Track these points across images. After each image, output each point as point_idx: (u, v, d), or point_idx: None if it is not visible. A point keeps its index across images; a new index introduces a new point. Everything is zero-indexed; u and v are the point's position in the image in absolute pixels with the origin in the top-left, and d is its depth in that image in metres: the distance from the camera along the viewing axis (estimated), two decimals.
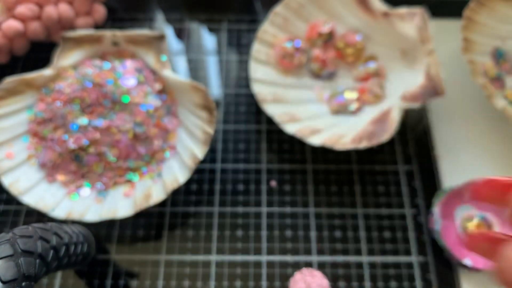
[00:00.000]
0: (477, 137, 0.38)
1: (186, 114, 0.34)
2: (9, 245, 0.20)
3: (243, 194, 0.35)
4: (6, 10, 0.37)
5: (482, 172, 0.36)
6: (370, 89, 0.37)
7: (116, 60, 0.35)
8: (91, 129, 0.31)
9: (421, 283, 0.31)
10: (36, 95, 0.34)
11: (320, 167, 0.36)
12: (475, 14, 0.38)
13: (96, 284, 0.31)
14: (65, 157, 0.31)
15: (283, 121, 0.35)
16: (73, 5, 0.39)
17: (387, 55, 0.39)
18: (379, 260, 0.32)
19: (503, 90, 0.36)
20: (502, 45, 0.39)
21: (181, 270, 0.31)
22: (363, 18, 0.38)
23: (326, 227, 0.33)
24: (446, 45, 0.42)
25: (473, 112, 0.39)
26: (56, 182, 0.32)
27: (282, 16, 0.38)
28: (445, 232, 0.32)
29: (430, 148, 0.37)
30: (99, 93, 0.31)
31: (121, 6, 0.45)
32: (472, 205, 0.33)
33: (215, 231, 0.33)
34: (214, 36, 0.43)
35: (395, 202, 0.35)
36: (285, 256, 0.32)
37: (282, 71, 0.38)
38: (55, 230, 0.24)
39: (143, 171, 0.32)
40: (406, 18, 0.36)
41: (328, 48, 0.39)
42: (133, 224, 0.33)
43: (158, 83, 0.34)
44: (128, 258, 0.32)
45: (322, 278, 0.31)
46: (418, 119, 0.39)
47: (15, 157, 0.31)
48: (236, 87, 0.40)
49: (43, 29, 0.38)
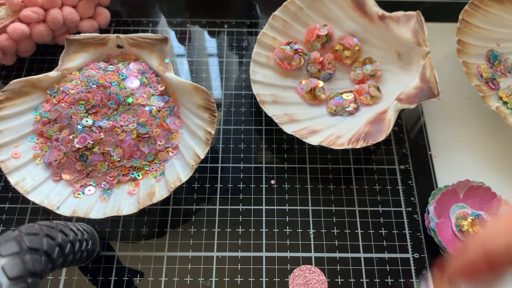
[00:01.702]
0: (471, 137, 0.39)
1: (188, 114, 0.34)
2: (16, 243, 0.21)
3: (244, 192, 0.35)
4: (12, 13, 0.38)
5: (476, 171, 0.37)
6: (367, 90, 0.38)
7: (120, 62, 0.36)
8: (95, 130, 0.31)
9: (417, 280, 0.32)
10: (42, 96, 0.34)
11: (318, 167, 0.37)
12: (470, 17, 0.38)
13: (100, 280, 0.32)
14: (70, 156, 0.32)
15: (282, 121, 0.35)
16: (78, 8, 0.40)
17: (384, 57, 0.39)
18: (376, 257, 0.33)
19: (497, 91, 0.37)
20: (496, 48, 0.39)
21: (183, 266, 0.32)
22: (360, 22, 0.39)
23: (324, 224, 0.34)
24: (441, 48, 0.43)
25: (467, 113, 0.40)
26: (61, 181, 0.32)
27: (281, 20, 0.39)
28: (440, 230, 0.32)
29: (426, 148, 0.38)
30: (103, 94, 0.32)
31: (124, 9, 0.46)
32: (467, 204, 0.34)
33: (216, 228, 0.34)
34: (215, 39, 0.44)
35: (391, 200, 0.35)
36: (284, 253, 0.33)
37: (281, 73, 0.39)
38: (61, 227, 0.25)
39: (146, 170, 0.33)
40: (402, 21, 0.36)
41: (326, 50, 0.40)
42: (136, 222, 0.34)
43: (161, 85, 0.35)
44: (132, 255, 0.33)
45: (321, 274, 0.32)
46: (414, 120, 0.40)
47: (21, 156, 0.32)
48: (237, 88, 0.41)
49: (48, 32, 0.39)
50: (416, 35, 0.35)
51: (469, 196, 0.34)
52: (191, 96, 0.34)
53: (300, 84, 0.38)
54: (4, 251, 0.20)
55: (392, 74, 0.39)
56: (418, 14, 0.35)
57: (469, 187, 0.34)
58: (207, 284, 0.32)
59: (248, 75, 0.41)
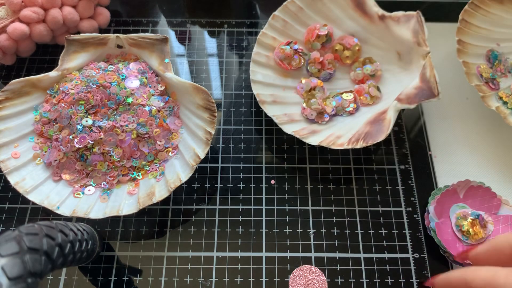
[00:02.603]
0: (471, 137, 0.39)
1: (188, 114, 0.34)
2: (15, 243, 0.21)
3: (244, 192, 0.35)
4: (12, 13, 0.38)
5: (476, 171, 0.37)
6: (367, 90, 0.38)
7: (120, 62, 0.36)
8: (95, 130, 0.31)
9: (417, 280, 0.32)
10: (41, 96, 0.34)
11: (318, 167, 0.37)
12: (470, 17, 0.38)
13: (100, 280, 0.32)
14: (70, 156, 0.32)
15: (282, 121, 0.35)
16: (78, 8, 0.40)
17: (384, 57, 0.39)
18: (376, 257, 0.33)
19: (497, 91, 0.37)
20: (496, 47, 0.39)
21: (183, 266, 0.32)
22: (360, 22, 0.39)
23: (324, 224, 0.34)
24: (441, 48, 0.43)
25: (467, 113, 0.40)
26: (61, 181, 0.32)
27: (281, 20, 0.39)
28: (440, 230, 0.32)
29: (426, 148, 0.38)
30: (103, 94, 0.32)
31: (124, 9, 0.46)
32: (467, 204, 0.34)
33: (216, 228, 0.34)
34: (215, 39, 0.44)
35: (391, 200, 0.35)
36: (284, 253, 0.33)
37: (281, 73, 0.39)
38: (60, 227, 0.25)
39: (146, 170, 0.33)
40: (402, 21, 0.36)
41: (326, 50, 0.40)
42: (136, 222, 0.34)
43: (161, 85, 0.35)
44: (132, 255, 0.33)
45: (321, 274, 0.32)
46: (414, 120, 0.40)
47: (21, 156, 0.32)
48: (237, 88, 0.41)
49: (48, 32, 0.39)
50: (416, 35, 0.35)
51: (469, 196, 0.34)
52: (191, 96, 0.34)
53: (300, 83, 0.38)
54: (4, 251, 0.20)
55: (392, 74, 0.39)
56: (418, 14, 0.35)
57: (469, 187, 0.34)
58: (207, 284, 0.32)
59: (248, 75, 0.41)
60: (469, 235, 0.32)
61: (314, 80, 0.38)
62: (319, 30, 0.39)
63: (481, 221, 0.32)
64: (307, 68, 0.39)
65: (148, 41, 0.35)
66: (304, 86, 0.38)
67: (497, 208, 0.33)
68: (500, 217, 0.33)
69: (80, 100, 0.32)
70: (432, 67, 0.33)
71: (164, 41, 0.35)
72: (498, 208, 0.33)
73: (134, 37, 0.35)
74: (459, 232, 0.32)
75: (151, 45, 0.35)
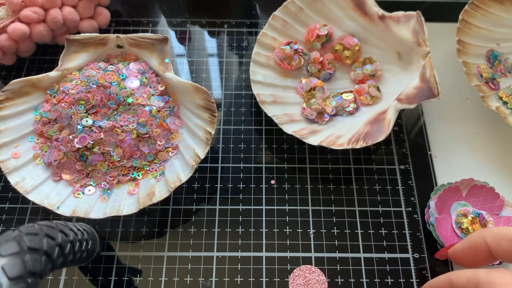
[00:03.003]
0: (471, 137, 0.39)
1: (188, 114, 0.34)
2: (16, 243, 0.21)
3: (244, 192, 0.35)
4: (12, 13, 0.38)
5: (476, 170, 0.37)
6: (367, 90, 0.38)
7: (120, 62, 0.36)
8: (95, 130, 0.32)
9: (417, 280, 0.32)
10: (42, 96, 0.34)
11: (318, 167, 0.37)
12: (470, 17, 0.38)
13: (100, 280, 0.32)
14: (70, 156, 0.32)
15: (282, 121, 0.35)
16: (78, 8, 0.40)
17: (384, 57, 0.39)
18: (376, 257, 0.33)
19: (497, 91, 0.37)
20: (496, 47, 0.39)
21: (183, 266, 0.32)
22: (360, 22, 0.39)
23: (324, 224, 0.34)
24: (441, 48, 0.43)
25: (467, 113, 0.40)
26: (61, 181, 0.32)
27: (281, 20, 0.39)
28: (439, 225, 0.32)
29: (426, 148, 0.38)
30: (103, 94, 0.32)
31: (124, 9, 0.46)
32: (469, 202, 0.34)
33: (216, 228, 0.34)
34: (215, 39, 0.44)
35: (391, 200, 0.35)
36: (284, 253, 0.33)
37: (281, 73, 0.39)
38: (61, 227, 0.25)
39: (146, 170, 0.33)
40: (402, 21, 0.36)
41: (326, 50, 0.40)
42: (136, 222, 0.34)
43: (161, 85, 0.35)
44: (132, 255, 0.33)
45: (321, 274, 0.32)
46: (414, 120, 0.40)
47: (21, 156, 0.32)
48: (237, 88, 0.41)
49: (48, 32, 0.39)
50: (416, 35, 0.35)
51: (472, 195, 0.34)
52: (191, 96, 0.34)
53: (300, 83, 0.38)
54: (4, 251, 0.20)
55: (392, 74, 0.39)
56: (418, 14, 0.35)
57: (472, 186, 0.34)
58: (207, 284, 0.32)
59: (248, 75, 0.41)
60: (468, 232, 0.32)
61: (314, 80, 0.38)
62: (319, 30, 0.39)
63: (482, 220, 0.32)
64: (307, 68, 0.39)
65: (148, 41, 0.35)
66: (304, 86, 0.38)
67: (499, 209, 0.33)
68: (501, 218, 0.33)
69: (80, 100, 0.32)
70: (432, 67, 0.33)
71: (164, 41, 0.35)
72: (500, 209, 0.33)
73: (134, 37, 0.35)
74: (458, 229, 0.32)
75: (151, 45, 0.35)
